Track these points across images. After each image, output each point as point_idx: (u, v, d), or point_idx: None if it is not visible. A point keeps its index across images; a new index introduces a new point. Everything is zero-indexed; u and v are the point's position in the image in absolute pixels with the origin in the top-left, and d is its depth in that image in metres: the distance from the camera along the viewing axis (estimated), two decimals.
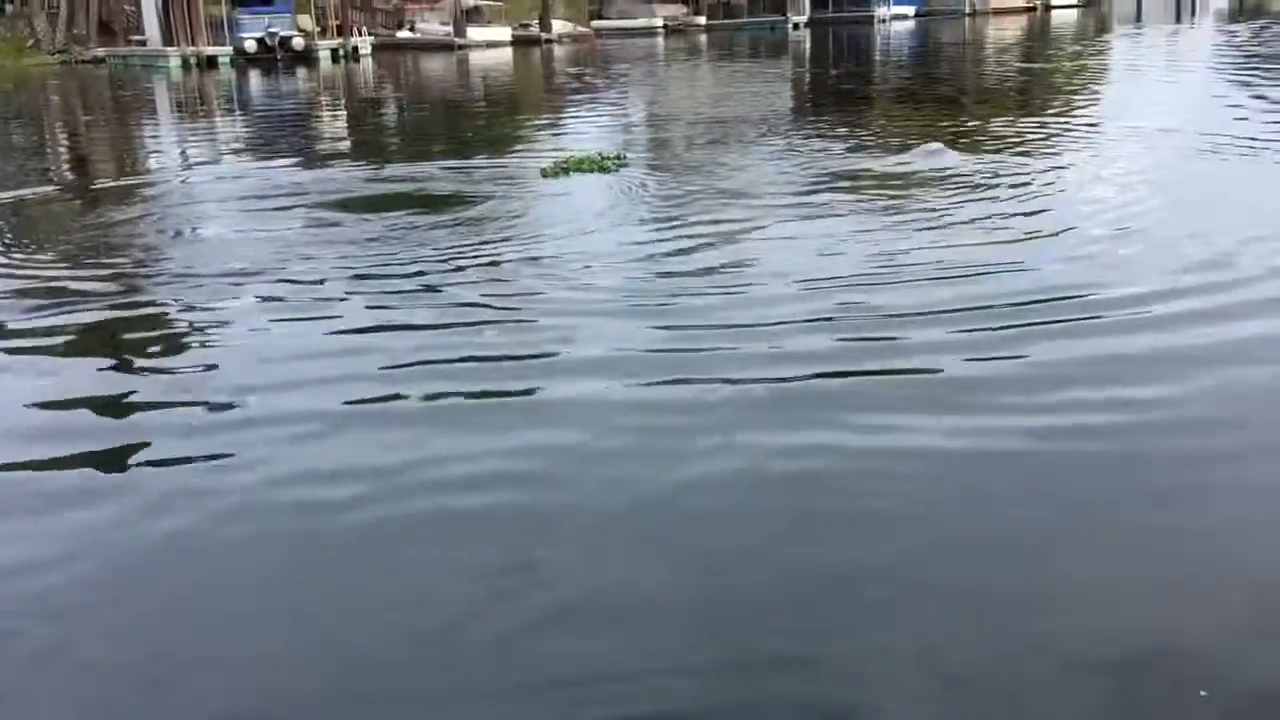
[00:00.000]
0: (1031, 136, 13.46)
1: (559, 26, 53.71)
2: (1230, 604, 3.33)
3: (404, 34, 52.52)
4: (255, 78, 37.07)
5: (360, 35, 46.72)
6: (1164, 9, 58.53)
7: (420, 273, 7.70)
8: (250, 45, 43.12)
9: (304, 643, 3.32)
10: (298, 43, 43.91)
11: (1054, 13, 60.75)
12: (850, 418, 4.78)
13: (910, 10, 60.45)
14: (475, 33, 50.55)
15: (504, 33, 51.75)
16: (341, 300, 7.09)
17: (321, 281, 7.60)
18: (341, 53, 44.64)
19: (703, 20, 59.38)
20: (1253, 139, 12.17)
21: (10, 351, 6.40)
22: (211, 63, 42.01)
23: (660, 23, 57.04)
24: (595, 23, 59.11)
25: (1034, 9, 62.06)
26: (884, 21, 56.71)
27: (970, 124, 15.36)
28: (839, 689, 2.98)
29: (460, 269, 7.79)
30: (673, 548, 3.81)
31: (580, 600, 3.45)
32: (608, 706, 2.93)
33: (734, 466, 4.37)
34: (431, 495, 4.23)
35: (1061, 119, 15.71)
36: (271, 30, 43.65)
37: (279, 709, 3.03)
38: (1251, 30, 36.81)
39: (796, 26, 55.72)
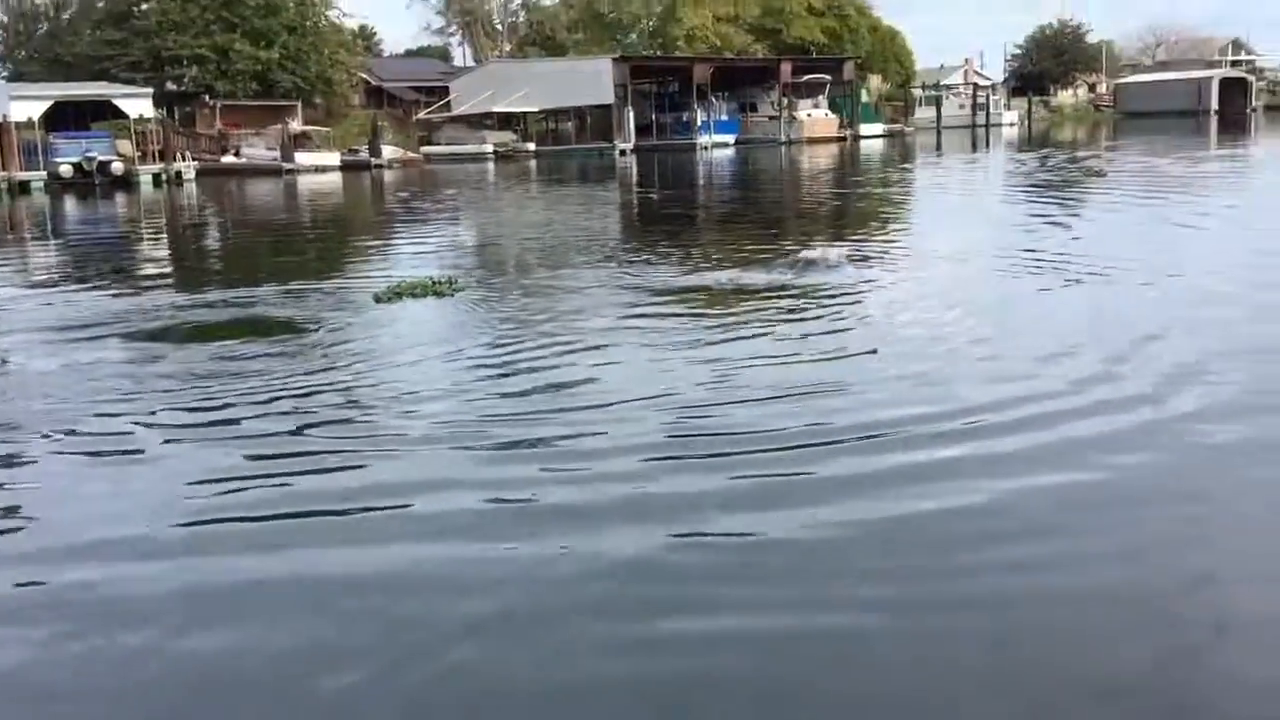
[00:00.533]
0: (850, 256, 14.42)
1: (388, 152, 54.06)
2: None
3: (229, 159, 51.96)
4: (71, 203, 36.05)
5: (184, 160, 46.01)
6: (961, 140, 63.17)
7: (242, 408, 7.53)
8: (66, 170, 41.93)
9: None
10: (117, 167, 42.94)
11: (863, 142, 64.70)
12: (667, 528, 5.04)
13: (730, 138, 63.30)
14: (303, 158, 50.40)
15: (333, 158, 51.77)
16: (157, 442, 6.84)
17: (134, 421, 7.29)
18: (164, 177, 43.85)
19: (532, 146, 60.75)
20: (1039, 257, 13.41)
21: None
22: (24, 188, 40.62)
23: (490, 149, 58.06)
24: (425, 148, 59.72)
25: (844, 139, 65.95)
26: (706, 149, 59.19)
27: (789, 245, 16.31)
28: None
29: (287, 401, 7.66)
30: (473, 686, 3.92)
31: None
32: None
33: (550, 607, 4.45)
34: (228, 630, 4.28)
35: (874, 241, 16.86)
36: (89, 155, 42.61)
37: None
38: (1037, 159, 40.27)
39: (623, 153, 57.58)
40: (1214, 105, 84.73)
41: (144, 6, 57.90)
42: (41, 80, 54.06)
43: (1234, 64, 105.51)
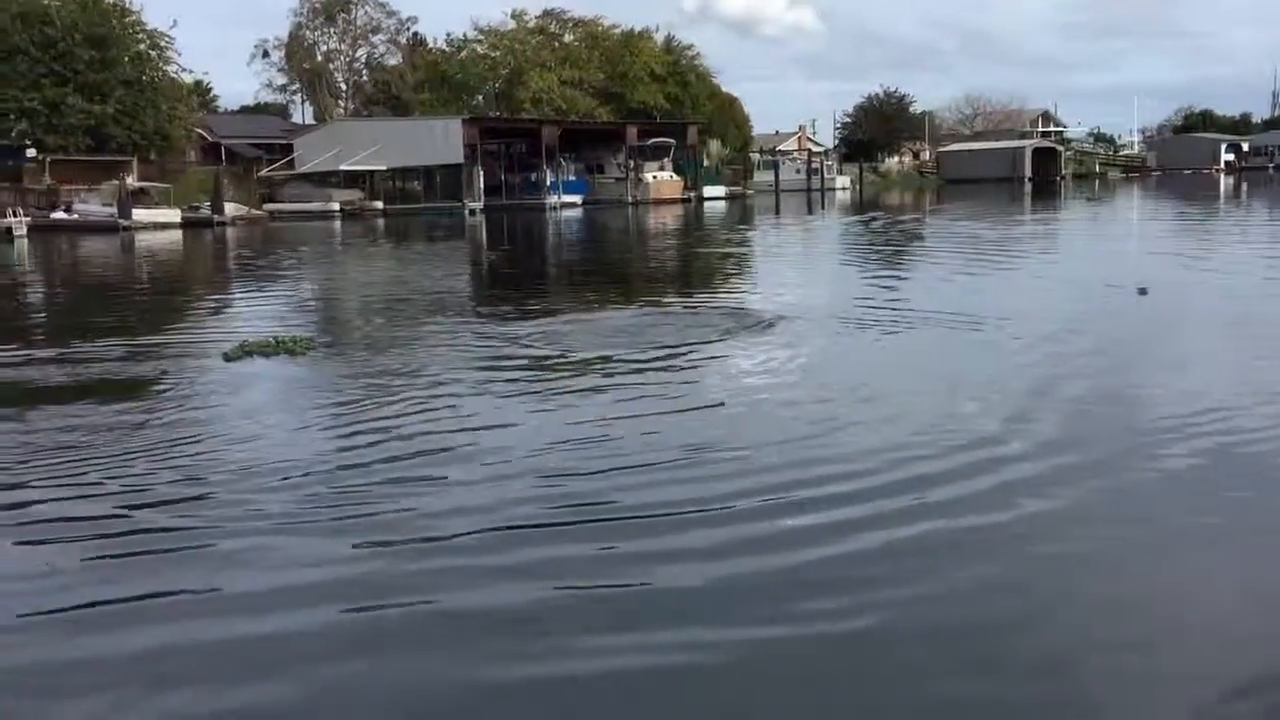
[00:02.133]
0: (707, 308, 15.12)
1: (231, 209, 53.06)
2: None
3: (59, 215, 50.11)
4: None
5: (14, 215, 44.23)
6: (798, 202, 65.90)
7: (69, 489, 6.95)
8: None
9: None
10: None
11: (706, 204, 66.82)
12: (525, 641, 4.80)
13: (578, 199, 64.49)
14: (142, 214, 49.03)
15: (173, 214, 50.50)
16: None
17: None
18: None
19: (380, 205, 60.58)
20: (874, 312, 14.45)
21: None
22: None
23: (337, 207, 57.67)
24: (269, 205, 58.89)
25: (689, 200, 67.99)
26: (555, 209, 60.10)
27: (639, 299, 17.04)
28: None
29: (121, 480, 7.14)
30: None
31: None
32: None
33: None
34: None
35: (713, 296, 17.77)
36: None
37: None
38: (863, 221, 42.68)
39: (473, 212, 57.92)
40: (1028, 172, 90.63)
41: None
42: None
43: (1044, 134, 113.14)
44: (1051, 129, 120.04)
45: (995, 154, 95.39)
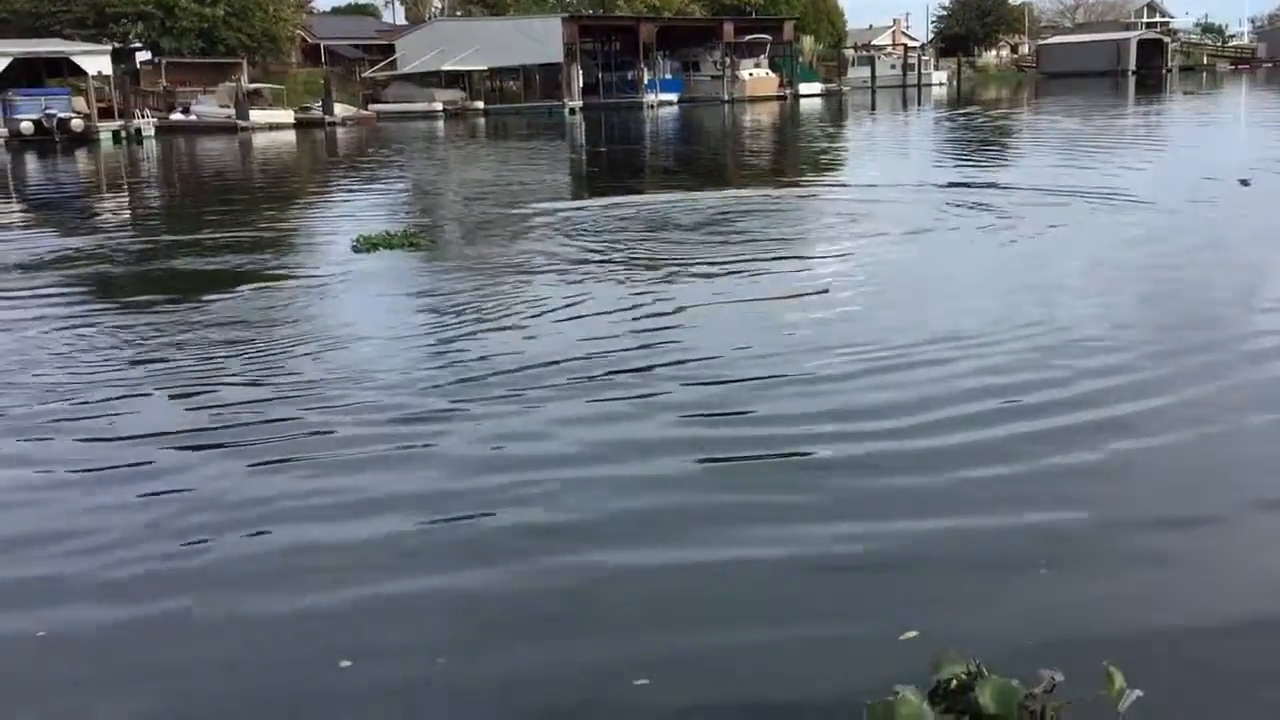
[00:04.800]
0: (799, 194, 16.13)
1: (340, 109, 54.73)
2: None
3: (177, 116, 52.20)
4: (35, 160, 36.41)
5: (144, 117, 46.40)
6: (893, 99, 65.47)
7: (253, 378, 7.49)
8: (26, 127, 42.26)
9: None
10: (76, 124, 43.35)
11: (803, 100, 66.74)
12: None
13: (674, 97, 64.96)
14: (258, 115, 50.90)
15: (287, 115, 52.27)
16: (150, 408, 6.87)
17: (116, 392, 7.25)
18: (123, 135, 44.30)
19: (481, 105, 61.72)
20: (970, 200, 15.43)
21: None
22: None
23: (440, 107, 58.92)
24: (375, 106, 60.37)
25: (784, 97, 67.93)
26: (652, 107, 60.70)
27: (746, 187, 18.10)
28: None
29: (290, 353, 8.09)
30: None
31: None
32: None
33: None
34: None
35: (816, 182, 18.80)
36: (49, 112, 42.92)
37: None
38: (952, 117, 42.77)
39: (572, 111, 58.83)
40: (1132, 66, 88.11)
41: None
42: None
43: (1149, 26, 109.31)
44: (1157, 20, 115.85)
45: (1097, 46, 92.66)
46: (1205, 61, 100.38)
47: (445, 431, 6.22)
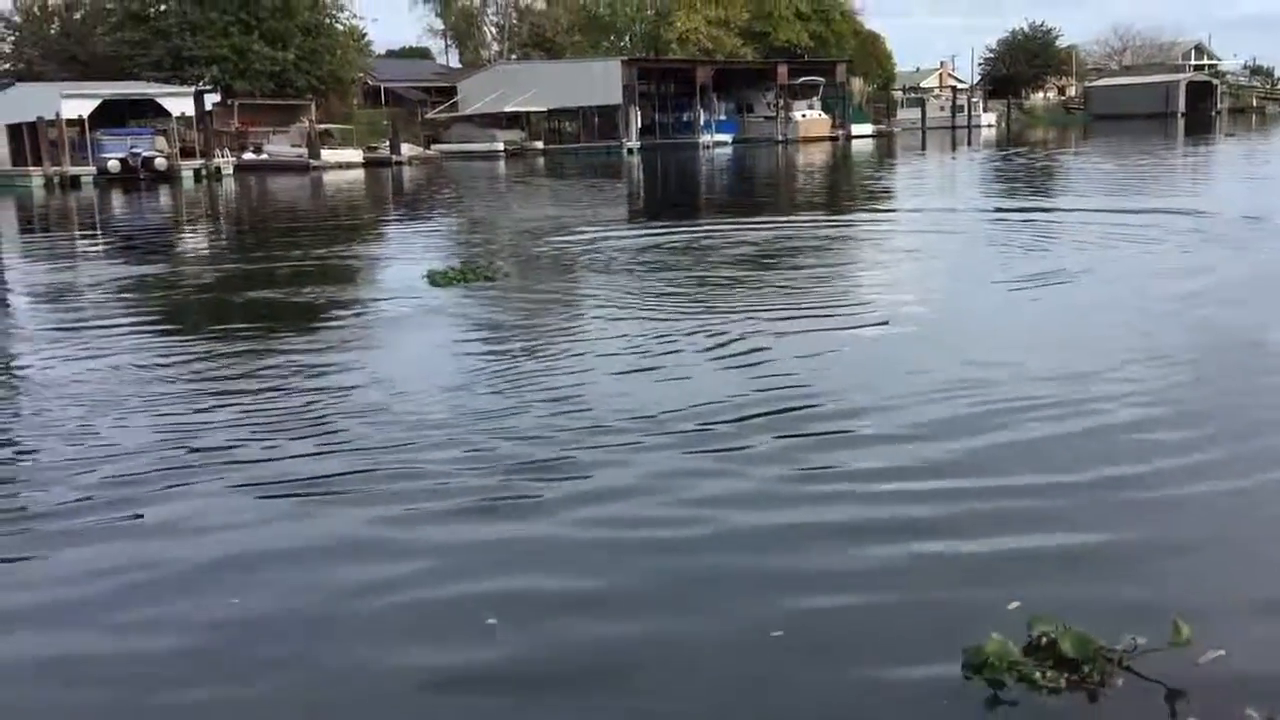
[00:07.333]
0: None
1: (407, 149, 56.40)
2: None
3: (249, 156, 53.97)
4: (122, 197, 37.97)
5: (223, 157, 48.20)
6: (943, 139, 66.32)
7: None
8: (114, 165, 44.11)
9: None
10: (160, 163, 45.15)
11: (854, 141, 67.77)
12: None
13: (729, 137, 66.28)
14: (328, 154, 52.64)
15: (356, 155, 54.01)
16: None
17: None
18: (204, 172, 46.07)
19: (541, 145, 63.24)
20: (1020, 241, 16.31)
21: None
22: (75, 182, 42.77)
23: (501, 147, 60.46)
24: (437, 146, 62.05)
25: (837, 138, 69.02)
26: (707, 148, 61.98)
27: (799, 228, 19.09)
28: None
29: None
30: None
31: None
32: None
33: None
34: None
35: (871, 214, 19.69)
36: (135, 150, 44.79)
37: None
38: (1008, 156, 43.46)
39: (631, 151, 60.16)
40: (1181, 108, 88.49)
41: (162, 8, 59.89)
42: (55, 79, 55.85)
43: (1197, 68, 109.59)
44: (1205, 62, 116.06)
45: (1146, 89, 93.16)
46: (1254, 103, 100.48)
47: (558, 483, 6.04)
